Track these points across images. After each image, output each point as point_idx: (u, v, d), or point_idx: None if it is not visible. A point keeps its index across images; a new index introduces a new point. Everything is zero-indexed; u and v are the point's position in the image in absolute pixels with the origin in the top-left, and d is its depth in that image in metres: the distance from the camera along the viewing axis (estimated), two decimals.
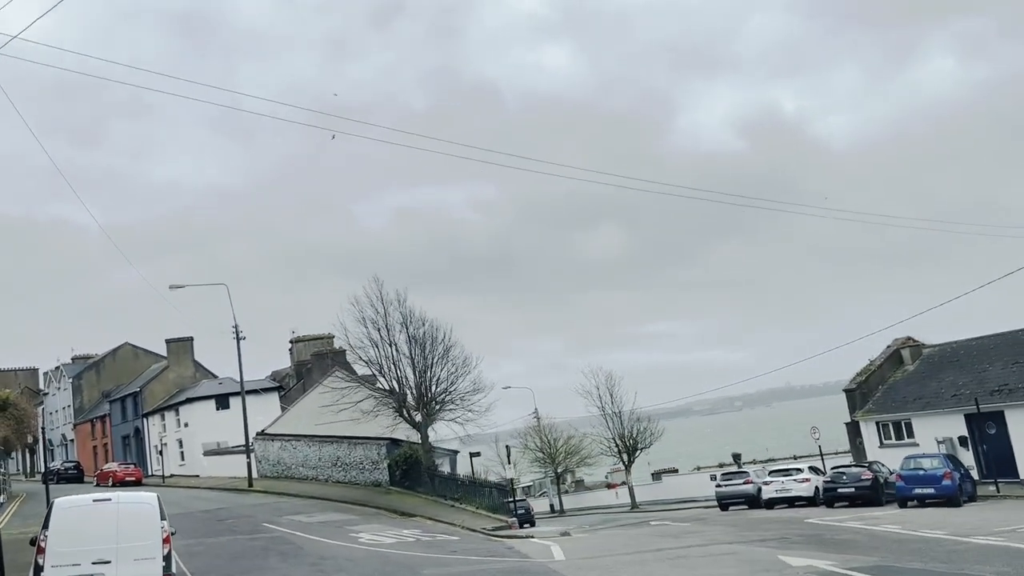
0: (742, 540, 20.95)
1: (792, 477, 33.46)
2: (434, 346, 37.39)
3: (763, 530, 23.53)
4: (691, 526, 27.71)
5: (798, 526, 24.11)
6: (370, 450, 41.31)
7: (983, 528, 20.72)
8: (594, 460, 64.20)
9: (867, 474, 30.90)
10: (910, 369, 39.08)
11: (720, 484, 37.17)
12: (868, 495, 30.52)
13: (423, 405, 37.45)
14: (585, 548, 22.37)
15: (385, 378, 37.81)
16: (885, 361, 39.93)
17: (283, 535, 27.24)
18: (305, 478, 44.65)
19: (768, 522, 26.28)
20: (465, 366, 37.26)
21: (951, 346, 38.52)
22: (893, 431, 37.23)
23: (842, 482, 30.99)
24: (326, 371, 54.55)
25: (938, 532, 20.26)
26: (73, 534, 13.33)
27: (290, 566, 20.51)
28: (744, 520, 28.08)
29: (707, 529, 25.31)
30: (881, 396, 38.67)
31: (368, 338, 37.69)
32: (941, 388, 35.71)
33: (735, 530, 24.11)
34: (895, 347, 40.40)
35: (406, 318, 37.68)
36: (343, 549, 23.88)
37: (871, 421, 38.00)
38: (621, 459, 54.63)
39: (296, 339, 70.39)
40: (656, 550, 20.20)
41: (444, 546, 24.73)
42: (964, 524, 22.16)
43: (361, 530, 28.75)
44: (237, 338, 45.40)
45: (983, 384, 33.76)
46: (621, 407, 53.79)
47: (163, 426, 59.98)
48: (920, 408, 35.71)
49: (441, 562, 20.64)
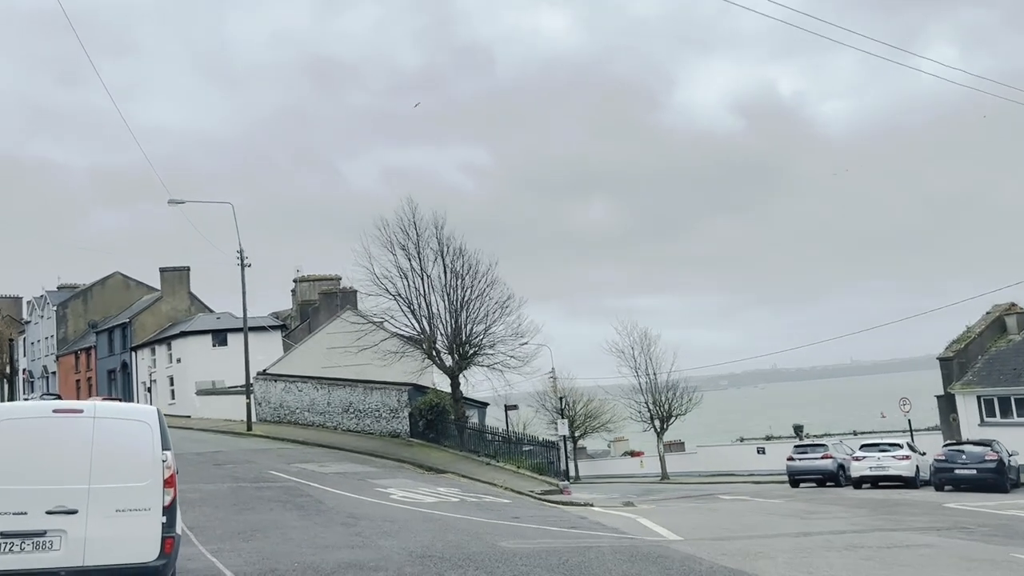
0: (907, 527, 16.14)
1: (890, 453, 28.70)
2: (474, 281, 32.34)
3: (908, 515, 18.74)
4: (790, 504, 22.92)
5: (948, 513, 19.33)
6: (389, 396, 36.44)
7: None
8: (616, 425, 59.76)
9: (991, 454, 26.15)
10: (1017, 338, 34.26)
11: (793, 457, 32.42)
12: (992, 480, 25.82)
13: (456, 348, 32.48)
14: (690, 525, 17.54)
15: (414, 315, 32.74)
16: (986, 328, 35.10)
17: (295, 485, 22.56)
18: (310, 424, 39.87)
19: (895, 505, 21.49)
20: (507, 306, 32.26)
21: None
22: (999, 408, 32.48)
23: (960, 462, 26.22)
24: (334, 312, 49.76)
25: None
26: (16, 465, 8.11)
27: (317, 525, 15.66)
28: (855, 499, 23.30)
29: (826, 509, 20.49)
30: (983, 367, 33.87)
31: (397, 267, 32.59)
32: None
33: (868, 513, 19.33)
34: (997, 313, 35.52)
35: (443, 246, 32.56)
36: (375, 507, 19.12)
37: (972, 395, 33.22)
38: (653, 426, 49.93)
39: (300, 279, 65.23)
40: (802, 534, 15.36)
41: (500, 510, 20.00)
42: None
43: (387, 485, 24.22)
44: (242, 264, 40.33)
45: None
46: (657, 369, 49.01)
47: (153, 361, 55.06)
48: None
49: (514, 531, 15.80)
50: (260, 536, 14.31)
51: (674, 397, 49.25)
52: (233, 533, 14.53)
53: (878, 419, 66.59)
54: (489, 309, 32.25)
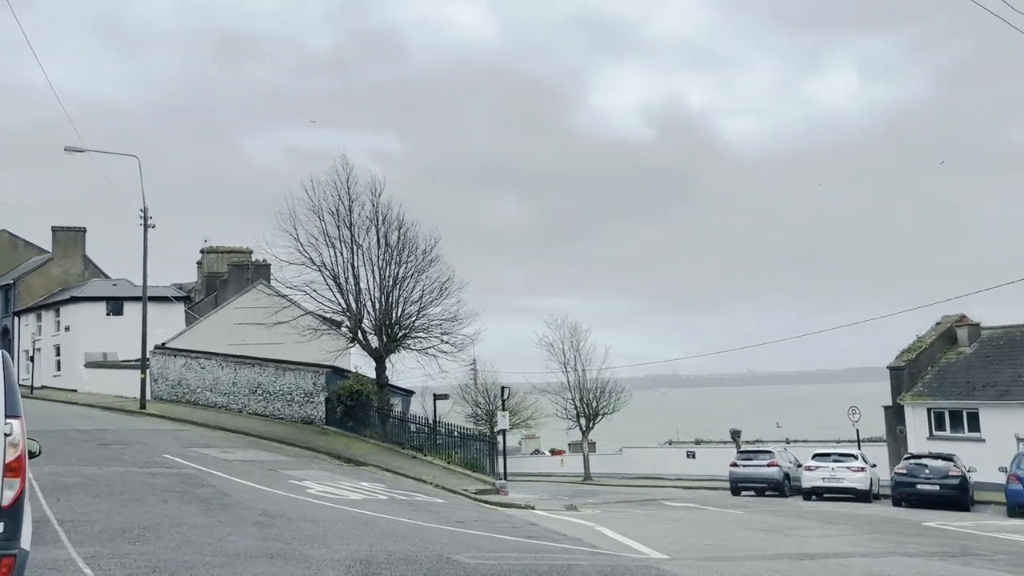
0: (915, 551, 14.09)
1: (844, 464, 27.09)
2: (411, 257, 29.34)
3: (899, 535, 16.81)
4: (755, 516, 20.85)
5: (939, 535, 17.49)
6: (304, 378, 33.12)
7: None
8: (537, 423, 57.55)
9: (955, 470, 24.73)
10: (968, 351, 33.27)
11: (737, 463, 30.61)
12: (955, 497, 24.40)
13: (385, 329, 29.46)
14: (661, 537, 15.13)
15: (340, 290, 29.51)
16: (936, 339, 34.03)
17: (195, 473, 19.33)
18: (212, 406, 36.16)
19: (872, 521, 19.63)
20: (446, 287, 29.39)
21: (1020, 329, 32.85)
22: (949, 421, 31.36)
23: (923, 477, 24.70)
24: (244, 286, 45.96)
25: None
26: None
27: (223, 523, 12.61)
28: (822, 513, 21.36)
29: (802, 524, 18.43)
30: (933, 379, 32.74)
31: (324, 234, 29.30)
32: (1022, 376, 29.91)
33: (854, 530, 17.34)
34: (947, 324, 34.51)
35: (379, 215, 29.44)
36: (292, 503, 16.13)
37: (921, 407, 32.03)
38: (578, 424, 47.82)
39: (208, 250, 60.53)
40: (805, 556, 13.11)
41: (437, 512, 17.25)
42: None
43: (302, 477, 21.22)
44: (145, 223, 36.33)
45: None
46: (587, 365, 46.92)
47: (38, 328, 50.01)
48: (995, 397, 29.85)
49: (464, 540, 13.09)
50: (151, 537, 11.19)
51: (602, 395, 47.26)
52: (116, 532, 11.37)
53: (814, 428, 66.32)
54: (426, 289, 29.34)
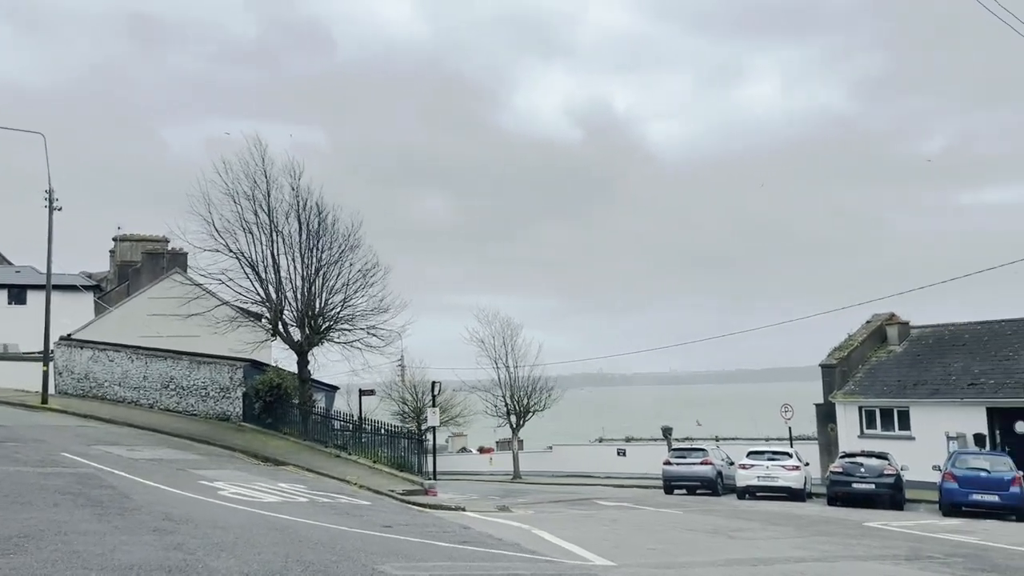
0: (866, 555, 13.45)
1: (779, 463, 26.68)
2: (333, 243, 27.86)
3: (845, 536, 16.23)
4: (695, 516, 20.12)
5: (885, 536, 16.99)
6: (220, 372, 31.28)
7: None
8: (466, 420, 56.39)
9: (890, 469, 24.50)
10: (898, 350, 33.35)
11: (671, 461, 30.01)
12: (890, 495, 24.16)
13: (308, 320, 27.89)
14: (602, 541, 14.19)
15: (259, 279, 27.81)
16: (867, 338, 34.04)
17: (94, 473, 17.62)
18: (121, 401, 33.97)
19: (814, 522, 19.07)
20: (371, 275, 27.99)
21: (949, 328, 33.09)
22: (880, 419, 31.32)
23: (859, 475, 24.39)
24: (159, 275, 43.58)
25: None
26: None
27: (119, 530, 11.08)
28: (761, 513, 20.76)
29: (744, 526, 17.72)
30: (864, 377, 32.70)
31: (241, 219, 27.56)
32: (951, 375, 30.02)
33: (797, 532, 16.70)
34: (877, 323, 34.57)
35: (299, 199, 27.84)
36: (200, 506, 14.65)
37: (853, 405, 31.94)
38: (509, 421, 46.83)
39: (121, 237, 57.52)
40: (758, 562, 12.30)
41: (362, 515, 15.97)
42: None
43: (214, 477, 19.63)
44: (50, 205, 33.84)
45: (1010, 374, 28.24)
46: (519, 362, 45.98)
47: None
48: (925, 395, 29.86)
49: (392, 547, 11.89)
50: (30, 546, 9.63)
51: (533, 392, 46.37)
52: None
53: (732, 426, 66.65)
54: (350, 277, 27.88)
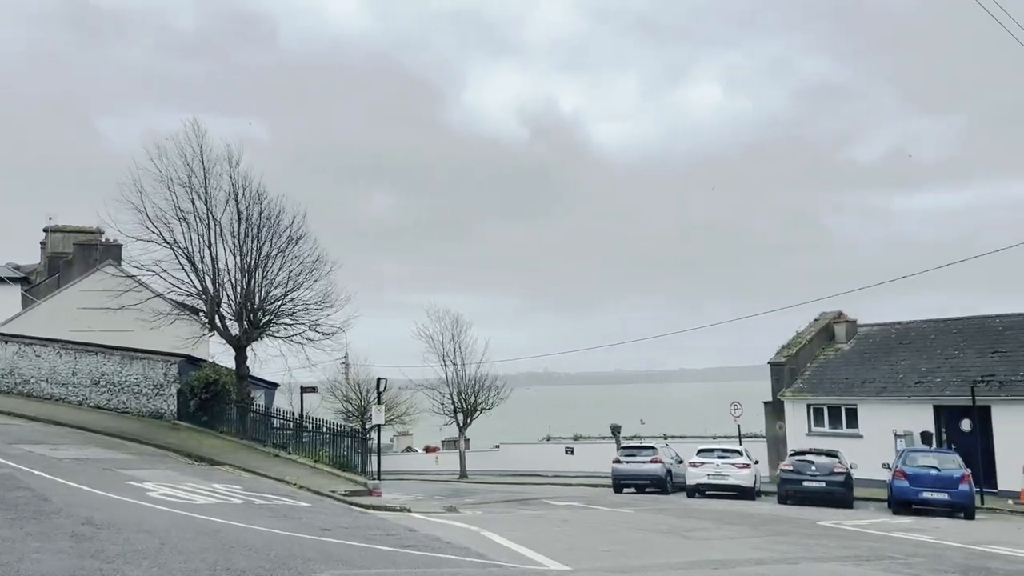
0: (827, 556, 13.04)
1: (729, 460, 26.39)
2: (274, 234, 26.80)
3: (802, 536, 15.86)
4: (646, 516, 19.63)
5: (842, 536, 16.66)
6: (154, 368, 29.92)
7: None
8: (411, 418, 55.47)
9: (840, 467, 24.35)
10: (845, 348, 33.40)
11: (620, 459, 29.58)
12: (840, 494, 24.00)
13: (247, 314, 26.78)
14: (554, 543, 13.56)
15: (195, 270, 26.61)
16: (815, 336, 34.05)
17: (11, 473, 16.46)
18: (49, 397, 32.31)
19: (768, 521, 18.70)
20: (315, 269, 26.99)
21: (895, 327, 33.25)
22: (828, 417, 31.29)
23: (809, 474, 24.18)
24: (91, 267, 41.82)
25: None
26: None
27: (31, 536, 10.09)
28: (714, 512, 20.35)
29: (698, 525, 17.26)
30: (813, 375, 32.67)
31: (176, 208, 26.31)
32: (898, 372, 30.08)
33: (752, 531, 16.27)
34: (825, 321, 34.61)
35: (237, 187, 26.69)
36: (125, 509, 13.65)
37: (802, 403, 31.87)
38: (456, 420, 46.04)
39: (52, 228, 55.29)
40: (719, 564, 11.77)
41: (300, 517, 15.09)
42: None
43: (144, 477, 18.52)
44: None
45: (957, 372, 28.37)
46: (466, 359, 45.23)
47: None
48: (873, 393, 29.89)
49: (330, 552, 11.11)
50: None
51: (480, 390, 45.67)
52: None
53: (676, 425, 66.78)
54: (292, 270, 26.83)
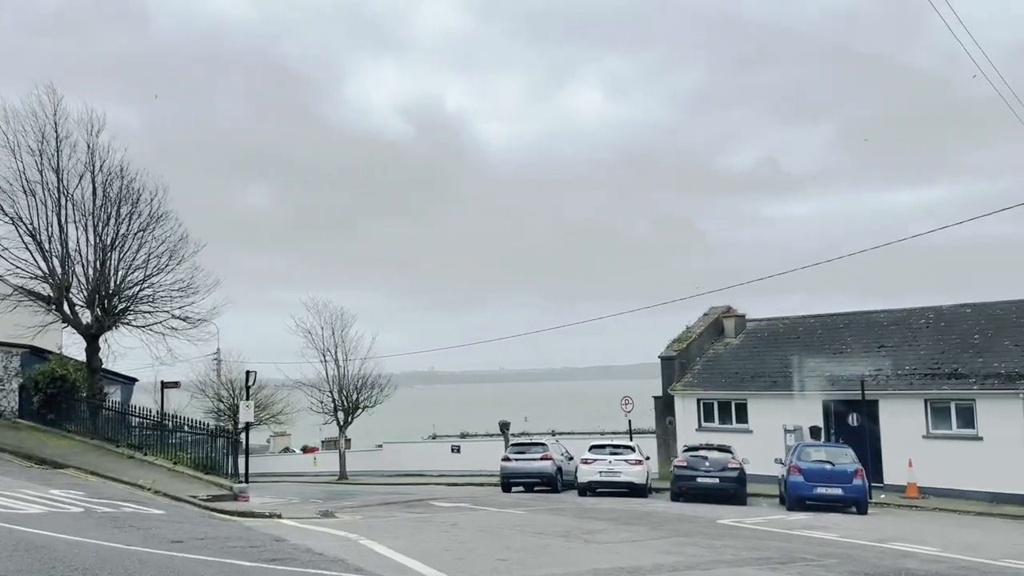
0: (736, 559, 12.06)
1: (622, 457, 25.51)
2: (134, 211, 24.25)
3: (706, 536, 14.91)
4: (540, 517, 18.37)
5: (746, 536, 15.83)
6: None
7: (982, 549, 13.96)
8: (288, 417, 52.77)
9: (734, 462, 23.78)
10: (735, 342, 33.18)
11: (509, 457, 28.33)
12: (734, 490, 23.43)
13: (101, 300, 24.13)
14: (444, 552, 12.09)
15: (42, 250, 23.79)
16: (705, 330, 33.72)
17: None
18: None
19: (666, 520, 17.74)
20: (178, 250, 24.60)
21: (783, 322, 33.23)
22: (718, 412, 30.91)
23: (703, 470, 23.51)
24: None
25: (962, 554, 13.25)
26: None
27: None
28: (609, 512, 19.29)
29: (596, 527, 16.10)
30: (703, 369, 32.28)
31: (22, 178, 23.44)
32: (788, 367, 29.94)
33: (651, 531, 15.23)
34: (715, 315, 34.33)
35: (95, 159, 24.02)
36: None
37: (692, 397, 31.41)
38: (336, 419, 43.84)
39: None
40: (622, 573, 10.56)
41: (149, 527, 13.10)
42: (952, 540, 15.35)
43: None
44: None
45: (844, 367, 28.39)
46: (350, 355, 43.14)
47: None
48: (763, 388, 29.64)
49: (177, 569, 9.31)
50: None
51: (363, 387, 43.62)
52: None
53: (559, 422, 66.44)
54: (152, 252, 24.35)
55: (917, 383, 26.15)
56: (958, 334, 27.40)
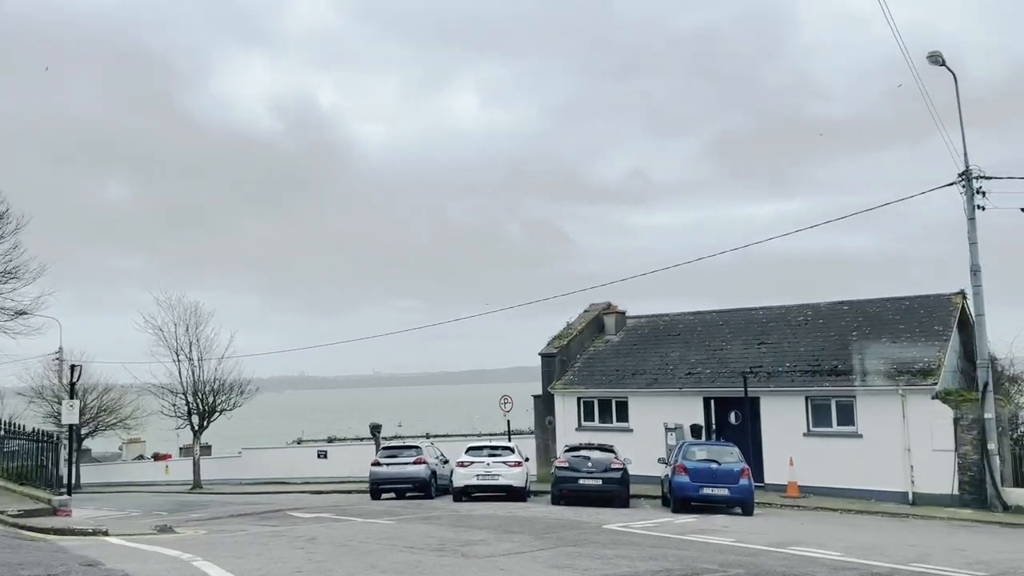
0: (616, 571, 10.65)
1: (501, 459, 23.92)
2: None
3: (597, 546, 13.50)
4: (411, 527, 16.53)
5: (636, 543, 14.52)
6: None
7: (880, 551, 13.25)
8: (138, 423, 48.88)
9: (616, 462, 22.56)
10: (615, 339, 32.15)
11: (380, 462, 26.32)
12: (617, 492, 22.23)
13: None
14: (295, 573, 10.12)
15: None
16: (586, 327, 32.56)
17: None
18: None
19: (551, 527, 16.24)
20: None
21: (663, 318, 32.43)
22: (599, 410, 29.76)
23: (586, 471, 22.18)
24: None
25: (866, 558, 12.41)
26: None
27: None
28: (485, 519, 17.63)
29: (475, 537, 14.40)
30: (583, 367, 31.06)
31: None
32: (668, 364, 29.07)
33: (535, 540, 13.67)
34: (595, 311, 33.24)
35: None
36: None
37: (572, 396, 30.14)
38: (190, 423, 40.48)
39: None
40: None
41: None
42: (850, 543, 14.56)
43: None
44: None
45: (725, 364, 27.72)
46: (206, 353, 39.94)
47: None
48: (644, 385, 28.64)
49: None
50: None
51: (221, 389, 40.47)
52: None
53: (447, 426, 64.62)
54: None
55: (799, 379, 25.78)
56: (837, 331, 27.28)
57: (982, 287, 22.88)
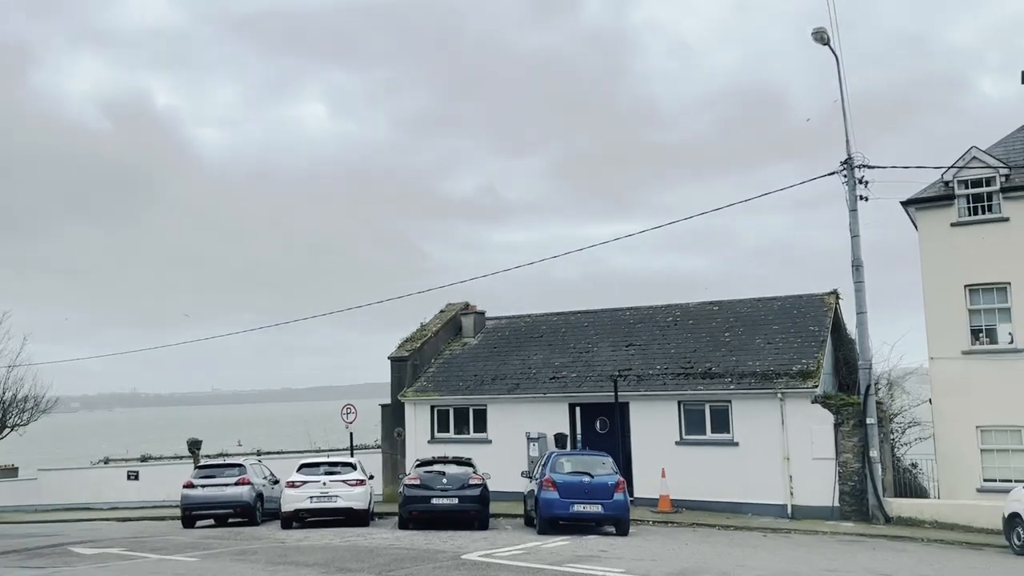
0: None
1: (341, 477, 20.46)
2: None
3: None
4: (214, 566, 12.99)
5: None
6: None
7: None
8: None
9: (476, 478, 19.59)
10: (473, 342, 29.16)
11: (194, 483, 22.24)
12: (476, 512, 19.28)
13: None
14: None
15: None
16: (441, 328, 29.42)
17: None
18: None
19: (400, 560, 13.10)
20: None
21: (525, 319, 29.73)
22: (454, 420, 26.65)
23: (440, 488, 19.08)
24: None
25: None
26: None
27: None
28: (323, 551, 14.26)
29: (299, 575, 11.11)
30: (438, 372, 27.87)
31: None
32: (531, 368, 26.35)
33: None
34: (452, 312, 30.16)
35: None
36: None
37: (425, 404, 26.87)
38: None
39: None
40: None
41: None
42: (762, 569, 12.33)
43: None
44: None
45: (592, 367, 25.28)
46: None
47: None
48: (505, 391, 25.75)
49: None
50: None
51: (13, 401, 34.70)
52: None
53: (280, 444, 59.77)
54: None
55: (671, 383, 23.71)
56: (708, 332, 25.49)
57: (864, 283, 21.56)
